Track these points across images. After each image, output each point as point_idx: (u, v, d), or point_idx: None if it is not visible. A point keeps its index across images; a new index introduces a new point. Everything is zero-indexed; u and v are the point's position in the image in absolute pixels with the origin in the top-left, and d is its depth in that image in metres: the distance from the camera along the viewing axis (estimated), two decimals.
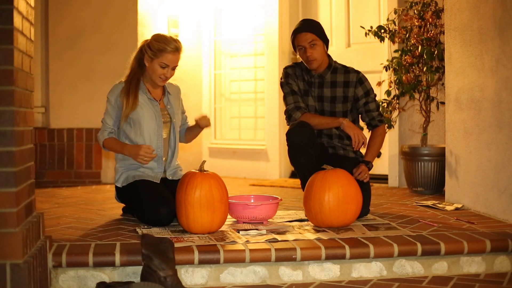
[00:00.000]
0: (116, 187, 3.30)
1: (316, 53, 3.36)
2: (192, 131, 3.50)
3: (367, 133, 3.60)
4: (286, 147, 3.38)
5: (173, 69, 3.22)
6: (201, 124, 3.38)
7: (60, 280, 2.48)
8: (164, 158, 3.32)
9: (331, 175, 2.94)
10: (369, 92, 3.46)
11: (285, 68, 3.52)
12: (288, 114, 3.42)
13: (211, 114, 5.92)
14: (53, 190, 4.72)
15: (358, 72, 3.48)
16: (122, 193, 3.27)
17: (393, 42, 4.47)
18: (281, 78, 3.52)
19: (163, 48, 3.14)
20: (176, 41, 3.20)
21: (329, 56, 3.48)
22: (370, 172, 3.39)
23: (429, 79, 4.24)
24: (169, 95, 3.37)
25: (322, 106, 3.47)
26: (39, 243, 2.31)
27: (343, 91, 3.44)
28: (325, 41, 3.42)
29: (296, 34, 3.39)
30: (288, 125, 3.43)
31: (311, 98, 3.46)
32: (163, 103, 3.35)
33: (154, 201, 2.98)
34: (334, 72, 3.46)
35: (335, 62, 3.50)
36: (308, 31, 3.35)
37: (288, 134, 3.31)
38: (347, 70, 3.48)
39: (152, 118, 3.24)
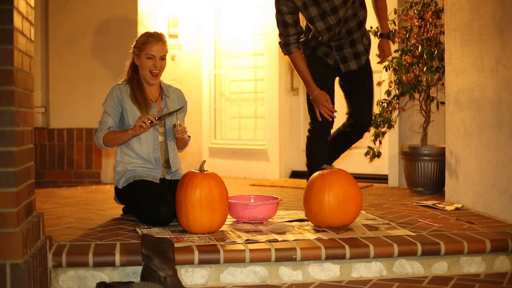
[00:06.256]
0: (116, 188, 3.30)
1: None
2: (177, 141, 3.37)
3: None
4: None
5: (162, 59, 3.25)
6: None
7: (60, 280, 2.48)
8: (162, 162, 3.31)
9: (331, 175, 2.94)
10: None
11: None
12: (284, 44, 3.48)
13: (211, 114, 5.92)
14: (53, 190, 4.72)
15: None
16: (122, 194, 3.27)
17: (393, 42, 4.46)
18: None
19: (146, 40, 3.22)
20: (157, 32, 3.28)
21: None
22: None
23: (429, 79, 4.24)
24: (166, 98, 3.36)
25: None
26: (39, 243, 2.31)
27: None
28: None
29: None
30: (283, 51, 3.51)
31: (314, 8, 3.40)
32: (159, 105, 3.33)
33: (153, 201, 2.98)
34: None
35: None
36: None
37: (311, 123, 3.53)
38: None
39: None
